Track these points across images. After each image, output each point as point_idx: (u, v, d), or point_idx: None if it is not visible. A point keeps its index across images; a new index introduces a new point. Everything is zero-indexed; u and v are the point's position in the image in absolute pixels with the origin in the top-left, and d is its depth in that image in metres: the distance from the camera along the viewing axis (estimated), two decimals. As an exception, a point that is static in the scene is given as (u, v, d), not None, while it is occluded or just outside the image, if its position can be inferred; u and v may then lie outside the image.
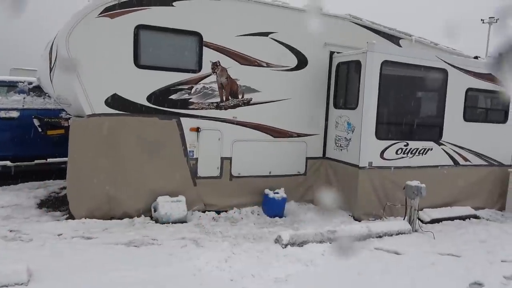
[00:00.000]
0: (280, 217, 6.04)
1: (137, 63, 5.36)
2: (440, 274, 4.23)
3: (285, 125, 6.39)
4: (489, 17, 19.61)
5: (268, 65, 6.16)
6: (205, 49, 5.69)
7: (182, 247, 4.51)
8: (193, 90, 5.71)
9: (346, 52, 6.42)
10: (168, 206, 5.38)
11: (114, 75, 5.28)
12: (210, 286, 3.64)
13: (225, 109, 5.96)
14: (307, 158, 6.66)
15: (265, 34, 6.09)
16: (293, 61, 6.34)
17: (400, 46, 7.05)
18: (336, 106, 6.59)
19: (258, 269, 4.01)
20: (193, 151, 5.80)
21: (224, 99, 5.94)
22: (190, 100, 5.71)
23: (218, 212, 5.96)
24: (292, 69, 6.35)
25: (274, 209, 6.05)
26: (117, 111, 5.34)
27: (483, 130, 7.09)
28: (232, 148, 6.06)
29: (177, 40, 5.66)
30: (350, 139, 6.23)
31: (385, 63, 5.91)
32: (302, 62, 6.40)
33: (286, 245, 4.65)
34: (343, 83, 6.50)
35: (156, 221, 5.34)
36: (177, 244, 4.59)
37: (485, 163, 7.16)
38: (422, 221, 6.00)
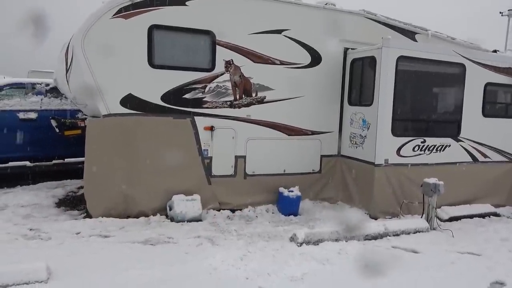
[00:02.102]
0: (295, 215, 6.01)
1: (151, 63, 5.39)
2: (460, 273, 4.13)
3: (299, 123, 6.35)
4: (508, 10, 19.04)
5: (282, 62, 6.12)
6: (218, 47, 5.69)
7: (197, 246, 4.53)
8: (206, 89, 5.72)
9: (361, 48, 6.33)
10: (183, 204, 5.40)
11: (129, 75, 5.33)
12: (226, 285, 3.63)
13: (239, 107, 5.95)
14: (321, 156, 6.61)
15: (278, 31, 6.05)
16: (306, 58, 6.29)
17: (416, 41, 6.92)
18: (350, 103, 6.51)
19: (273, 268, 3.99)
20: (207, 150, 5.81)
21: (238, 97, 5.93)
22: (204, 99, 5.72)
23: (233, 211, 5.96)
24: (305, 67, 6.30)
25: (288, 207, 6.02)
26: (132, 111, 5.38)
27: (503, 125, 6.91)
28: (246, 146, 6.06)
29: (191, 39, 5.67)
30: (365, 136, 6.14)
31: (400, 59, 5.81)
32: (315, 59, 6.34)
33: (301, 244, 4.62)
34: (358, 79, 6.42)
35: (172, 219, 5.37)
36: (193, 243, 4.60)
37: (506, 159, 6.98)
38: (440, 219, 5.87)
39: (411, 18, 7.06)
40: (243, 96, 5.96)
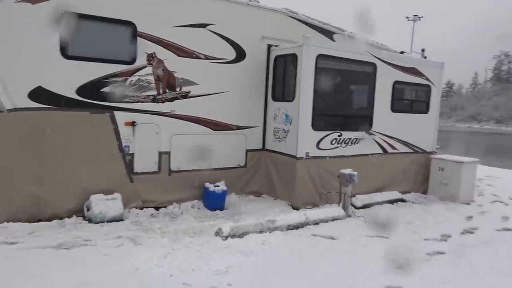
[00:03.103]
0: (221, 210, 6.05)
1: (65, 53, 5.00)
2: (371, 254, 4.52)
3: (224, 117, 6.38)
4: (413, 15, 21.16)
5: (206, 57, 6.09)
6: (139, 39, 5.46)
7: (118, 247, 4.34)
8: (127, 82, 5.47)
9: (283, 45, 6.55)
10: (103, 204, 5.13)
11: (38, 66, 4.88)
12: (150, 284, 3.55)
13: (162, 102, 5.79)
14: (247, 151, 6.73)
15: (203, 25, 6.00)
16: (231, 53, 6.33)
17: (334, 41, 7.34)
18: (274, 98, 6.71)
19: (198, 263, 3.99)
20: (128, 146, 5.57)
21: (161, 92, 5.77)
22: (124, 93, 5.46)
23: (157, 208, 5.81)
24: (230, 62, 6.34)
25: (214, 202, 6.04)
26: (42, 105, 4.95)
27: (408, 120, 7.66)
28: (170, 142, 5.93)
29: (109, 29, 5.36)
30: (288, 130, 6.39)
31: (320, 57, 6.12)
32: (240, 54, 6.41)
33: (226, 237, 4.68)
34: (281, 75, 6.63)
35: (90, 221, 5.07)
36: (113, 244, 4.40)
37: (411, 151, 7.76)
38: (355, 207, 6.35)
39: (331, 18, 7.47)
40: (167, 91, 5.82)
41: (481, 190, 8.51)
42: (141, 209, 5.69)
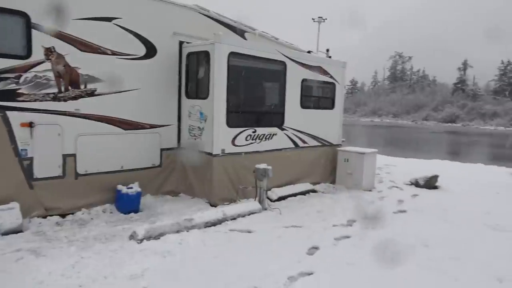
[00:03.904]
0: (136, 212, 5.81)
1: None
2: (286, 244, 4.75)
3: (136, 116, 6.13)
4: (318, 17, 22.52)
5: (114, 53, 5.77)
6: (34, 32, 4.97)
7: (17, 261, 3.93)
8: (21, 79, 4.94)
9: (195, 42, 6.50)
10: (-3, 215, 4.58)
11: None
12: (55, 298, 3.28)
13: (65, 100, 5.35)
14: (161, 150, 6.55)
15: (108, 19, 5.67)
16: (141, 49, 6.09)
17: (245, 39, 7.50)
18: (188, 96, 6.63)
19: (111, 270, 3.80)
20: (26, 150, 5.05)
21: (63, 89, 5.33)
22: (18, 91, 4.93)
23: (64, 216, 5.37)
24: (140, 58, 6.10)
25: (128, 205, 5.78)
26: None
27: (316, 115, 8.17)
28: (76, 143, 5.51)
29: (-2, 20, 4.78)
30: (203, 128, 6.37)
31: (232, 55, 6.20)
32: (151, 51, 6.20)
33: (142, 240, 4.52)
34: (194, 73, 6.57)
35: (-19, 235, 4.49)
36: (11, 258, 3.97)
37: (319, 144, 8.28)
38: (270, 200, 6.60)
39: (242, 18, 7.59)
40: (70, 88, 5.39)
41: (381, 178, 9.44)
42: (44, 217, 5.20)
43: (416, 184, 8.65)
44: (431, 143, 30.96)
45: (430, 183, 8.57)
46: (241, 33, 7.53)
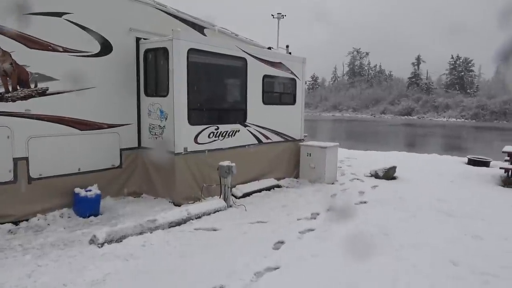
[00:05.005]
0: (96, 215, 5.60)
1: None
2: (252, 240, 4.76)
3: (92, 116, 5.89)
4: (277, 13, 22.73)
5: (65, 50, 5.50)
6: (-24, 28, 4.63)
7: (-35, 274, 3.66)
8: (-37, 78, 4.60)
9: (153, 38, 6.33)
10: None
11: None
12: (9, 310, 3.09)
13: (13, 101, 5.04)
14: (121, 150, 6.34)
15: (58, 14, 5.39)
16: (95, 46, 5.85)
17: (205, 35, 7.40)
18: (147, 93, 6.46)
19: (70, 277, 3.64)
20: (-29, 154, 4.72)
21: (11, 89, 5.01)
22: (-40, 92, 4.59)
23: (16, 223, 5.08)
24: (94, 55, 5.85)
25: (87, 208, 5.55)
26: None
27: (278, 111, 8.23)
28: (27, 146, 5.21)
29: None
30: (164, 126, 6.23)
31: (191, 51, 6.09)
32: (105, 47, 5.97)
33: (103, 244, 4.36)
34: (152, 70, 6.41)
35: None
36: (-42, 271, 3.70)
37: (282, 140, 8.36)
38: (235, 197, 6.58)
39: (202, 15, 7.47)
40: (18, 88, 5.08)
41: (343, 171, 9.70)
42: (-5, 226, 4.89)
43: (375, 175, 8.95)
44: (389, 135, 32.23)
45: (389, 174, 8.90)
46: (200, 29, 7.42)
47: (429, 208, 6.39)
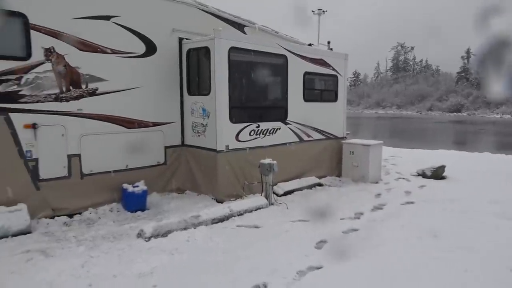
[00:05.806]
0: (143, 210, 5.82)
1: None
2: (294, 238, 4.72)
3: (138, 114, 6.11)
4: (318, 9, 22.39)
5: (114, 51, 5.74)
6: (33, 33, 4.95)
7: (27, 261, 3.93)
8: (23, 80, 4.93)
9: (195, 38, 6.45)
10: (4, 217, 4.59)
11: None
12: (65, 298, 3.28)
13: (67, 101, 5.35)
14: (165, 147, 6.54)
15: (106, 18, 5.64)
16: (141, 47, 6.06)
17: (245, 33, 7.44)
18: (190, 92, 6.60)
19: (120, 268, 3.80)
20: (31, 151, 5.05)
21: (64, 89, 5.32)
22: (20, 93, 4.93)
23: (71, 216, 5.39)
24: (140, 56, 6.07)
25: (135, 203, 5.78)
26: None
27: (319, 108, 8.11)
28: (80, 143, 5.51)
29: (-3, 22, 4.77)
30: (206, 124, 6.34)
31: (232, 49, 6.15)
32: (150, 48, 6.17)
33: (149, 238, 4.52)
34: (195, 69, 6.54)
35: (-10, 237, 4.51)
36: (21, 259, 3.98)
37: (324, 137, 8.23)
38: (277, 195, 6.57)
39: (240, 12, 7.53)
40: (71, 88, 5.38)
41: (387, 169, 9.39)
42: (52, 218, 5.22)
43: (423, 175, 8.59)
44: (437, 133, 30.80)
45: (438, 174, 8.50)
46: (240, 27, 7.47)
47: (481, 210, 6.02)
